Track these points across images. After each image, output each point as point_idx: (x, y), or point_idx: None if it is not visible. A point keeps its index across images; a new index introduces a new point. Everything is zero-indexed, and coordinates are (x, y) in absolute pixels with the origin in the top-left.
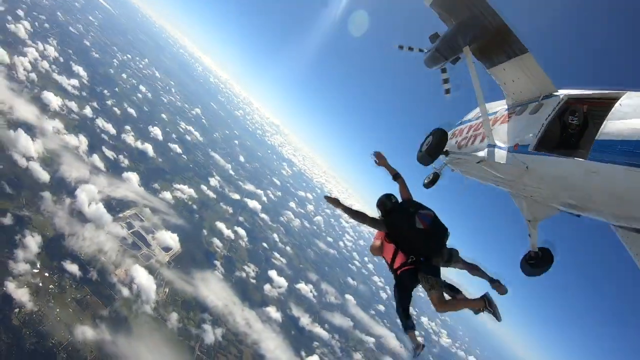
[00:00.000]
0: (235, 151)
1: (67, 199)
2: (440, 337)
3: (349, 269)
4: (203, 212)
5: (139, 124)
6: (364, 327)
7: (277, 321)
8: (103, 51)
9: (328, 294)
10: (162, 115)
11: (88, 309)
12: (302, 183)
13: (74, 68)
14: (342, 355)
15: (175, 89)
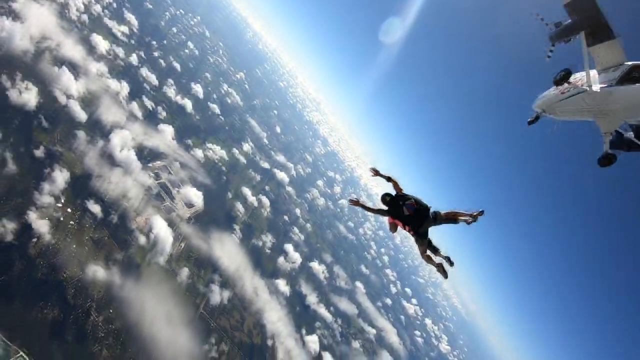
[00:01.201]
0: (272, 121)
1: (100, 141)
2: (441, 342)
3: (364, 257)
4: (231, 175)
5: (181, 79)
6: (368, 317)
7: (285, 295)
8: (157, 3)
9: (339, 278)
10: (206, 74)
11: (103, 250)
12: (334, 164)
13: (126, 15)
14: (341, 340)
15: (222, 50)
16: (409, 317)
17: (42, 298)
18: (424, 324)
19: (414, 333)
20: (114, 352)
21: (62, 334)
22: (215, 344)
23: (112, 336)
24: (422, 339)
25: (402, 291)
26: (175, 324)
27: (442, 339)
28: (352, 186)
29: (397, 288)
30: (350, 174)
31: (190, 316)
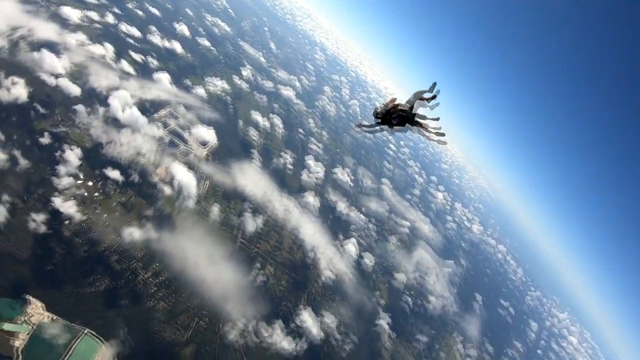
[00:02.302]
0: (265, 39)
1: (101, 108)
2: (473, 224)
3: (385, 153)
4: (237, 104)
5: (163, 22)
6: (400, 211)
7: (315, 207)
8: None
9: (364, 179)
10: (186, 10)
11: (133, 211)
12: (336, 67)
13: None
14: (378, 238)
15: None
16: (438, 206)
17: (89, 274)
18: (454, 209)
19: (446, 219)
20: (169, 302)
21: (117, 301)
22: (261, 269)
23: (164, 288)
24: (455, 223)
25: (428, 180)
26: (218, 260)
27: (473, 221)
28: (359, 86)
29: (423, 178)
30: (355, 73)
31: (231, 249)
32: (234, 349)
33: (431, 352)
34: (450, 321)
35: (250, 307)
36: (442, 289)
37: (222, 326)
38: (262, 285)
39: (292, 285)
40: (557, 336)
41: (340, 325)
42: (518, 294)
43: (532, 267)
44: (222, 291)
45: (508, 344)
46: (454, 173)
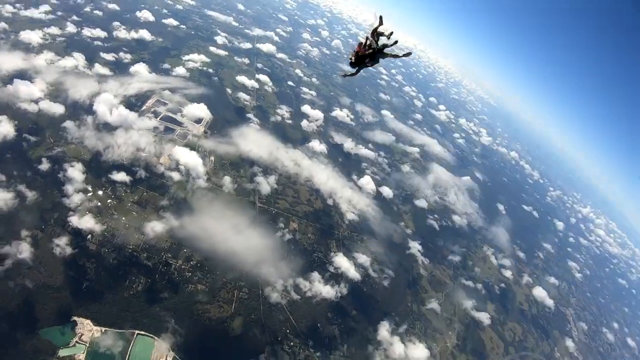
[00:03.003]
0: (231, 1)
1: (89, 118)
2: (481, 136)
3: (378, 85)
4: (220, 72)
5: (124, 15)
6: (406, 138)
7: (323, 153)
8: None
9: (364, 114)
10: None
11: (149, 206)
12: (310, 11)
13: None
14: (391, 170)
15: None
16: (443, 124)
17: (124, 278)
18: (459, 125)
19: (453, 137)
20: (206, 282)
21: (158, 296)
22: (285, 226)
23: (198, 270)
24: (463, 139)
25: (427, 102)
26: (243, 228)
27: (480, 133)
28: (336, 24)
29: (421, 101)
30: (330, 12)
31: (251, 215)
32: (279, 309)
33: (466, 269)
34: (478, 235)
35: (284, 266)
36: (463, 206)
37: (262, 291)
38: (290, 242)
39: (319, 235)
40: (583, 231)
41: (373, 262)
42: (538, 196)
43: (547, 167)
44: (253, 258)
45: (538, 247)
46: (452, 90)
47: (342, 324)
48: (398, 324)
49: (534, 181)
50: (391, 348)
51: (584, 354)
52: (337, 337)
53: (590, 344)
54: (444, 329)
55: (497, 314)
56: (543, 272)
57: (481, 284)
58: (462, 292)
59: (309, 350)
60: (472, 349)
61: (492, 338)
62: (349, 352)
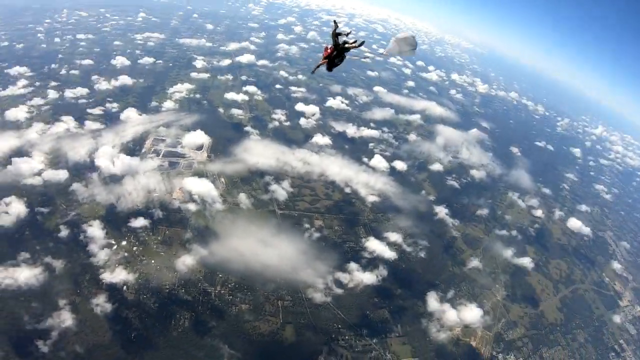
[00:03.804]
0: (199, 25)
1: (93, 174)
2: (476, 86)
3: (364, 65)
4: (208, 95)
5: (101, 66)
6: (405, 108)
7: (328, 145)
8: (20, 35)
9: (358, 96)
10: (115, 43)
11: (174, 242)
12: (278, 11)
13: (11, 71)
14: (398, 143)
15: (110, 14)
16: (436, 85)
17: (169, 318)
18: (452, 81)
19: (450, 94)
20: (249, 300)
21: (206, 326)
22: (310, 226)
23: (238, 292)
24: (460, 93)
25: (416, 67)
26: (270, 239)
27: (475, 83)
28: (308, 16)
29: (410, 67)
30: (299, 7)
31: (275, 223)
32: (325, 308)
33: (497, 220)
34: (500, 183)
35: (320, 264)
36: (478, 158)
37: (305, 294)
38: (320, 239)
39: (345, 225)
40: (601, 152)
41: (405, 237)
42: (548, 130)
43: (549, 99)
44: (288, 264)
45: (561, 179)
46: (436, 49)
47: (390, 305)
48: (445, 291)
49: (540, 116)
50: (444, 316)
51: (632, 272)
52: (389, 320)
53: (636, 260)
54: (490, 284)
55: (539, 256)
56: (572, 202)
57: (515, 230)
58: (498, 243)
59: (365, 340)
60: (522, 297)
61: (539, 280)
62: (404, 331)
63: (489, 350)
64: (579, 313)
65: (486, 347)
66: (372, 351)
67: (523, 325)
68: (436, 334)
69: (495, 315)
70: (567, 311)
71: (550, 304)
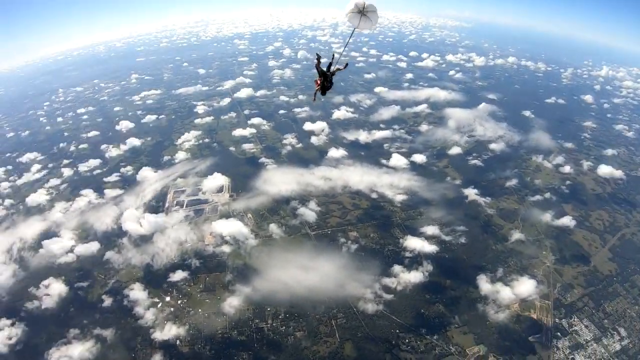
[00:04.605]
0: (191, 72)
1: (124, 239)
2: (473, 61)
3: (360, 70)
4: (216, 137)
5: (107, 134)
6: (409, 101)
7: (344, 156)
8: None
9: (361, 101)
10: (115, 109)
11: (217, 287)
12: (263, 40)
13: (23, 159)
14: (412, 136)
15: (103, 83)
16: (434, 70)
17: None
18: (449, 62)
19: (449, 76)
20: (302, 327)
21: None
22: (346, 239)
23: (290, 321)
24: (459, 72)
25: (409, 58)
26: (309, 262)
27: (471, 58)
28: (293, 37)
29: (404, 60)
30: (281, 30)
31: (311, 245)
32: (379, 316)
33: (528, 187)
34: (521, 150)
35: (364, 275)
36: (494, 131)
37: (356, 308)
38: (358, 250)
39: (380, 231)
40: (613, 92)
41: (442, 227)
42: (555, 84)
43: (548, 53)
44: (333, 282)
45: (580, 130)
46: (424, 35)
47: (443, 298)
48: (493, 271)
49: (543, 73)
50: (499, 296)
51: None
52: (445, 313)
53: None
54: (537, 253)
55: (578, 211)
56: (597, 149)
57: (548, 192)
58: (535, 209)
59: (426, 338)
60: (572, 257)
61: (584, 236)
62: (462, 320)
63: (551, 318)
64: (631, 258)
65: (548, 316)
66: (435, 348)
67: (579, 285)
68: (495, 316)
69: (549, 282)
70: (619, 260)
71: (601, 256)
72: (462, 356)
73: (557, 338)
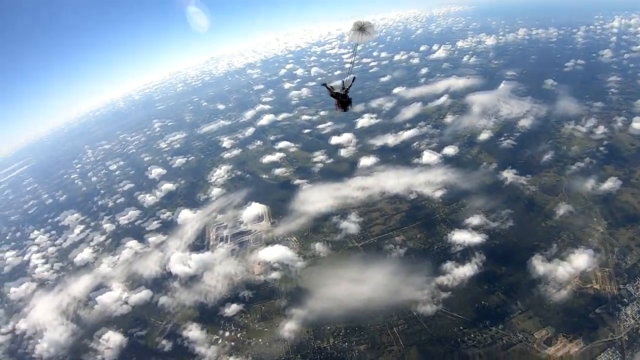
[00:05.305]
0: (211, 109)
1: (174, 282)
2: (484, 42)
3: (374, 75)
4: (247, 167)
5: (141, 184)
6: (429, 96)
7: (376, 162)
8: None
9: (382, 105)
10: (145, 158)
11: (272, 315)
12: (274, 64)
13: (64, 221)
14: (439, 130)
15: (129, 135)
16: (447, 60)
17: None
18: (460, 49)
19: (463, 62)
20: (363, 340)
21: None
22: (393, 245)
23: (350, 336)
24: (473, 56)
25: (421, 53)
26: (361, 275)
27: (481, 39)
28: (303, 56)
29: (416, 56)
30: (290, 52)
31: (359, 256)
32: (439, 316)
33: (564, 157)
34: (551, 119)
35: (417, 276)
36: (519, 108)
37: (416, 312)
38: (407, 253)
39: (425, 230)
40: (630, 41)
41: (487, 215)
42: (570, 46)
43: (557, 17)
44: (387, 290)
45: (606, 86)
46: (431, 27)
47: (500, 286)
48: (547, 249)
49: (556, 38)
50: (557, 273)
51: None
52: (505, 301)
53: None
54: (587, 221)
55: (620, 171)
56: (627, 103)
57: (587, 157)
58: (576, 178)
59: (490, 330)
60: (624, 218)
61: (632, 194)
62: (524, 305)
63: (614, 286)
64: None
65: (610, 284)
66: (502, 338)
67: (638, 246)
68: (557, 295)
69: (605, 249)
70: None
71: None
72: (530, 342)
73: (624, 304)
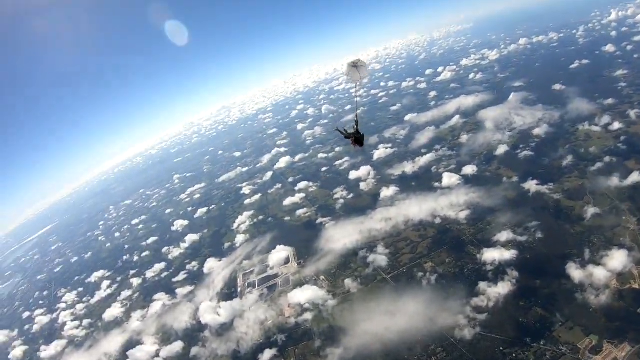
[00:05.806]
0: (227, 158)
1: (206, 332)
2: (487, 57)
3: (384, 105)
4: (269, 211)
5: (165, 237)
6: (441, 118)
7: (396, 192)
8: (84, 246)
9: (396, 134)
10: (167, 211)
11: (307, 356)
12: (285, 107)
13: (92, 279)
14: (455, 151)
15: (150, 190)
16: (454, 80)
17: None
18: (465, 67)
19: (470, 79)
20: None
21: None
22: (423, 272)
23: None
24: (479, 73)
25: (427, 77)
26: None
27: (485, 55)
28: (313, 95)
29: (422, 81)
30: (300, 93)
31: (391, 288)
32: (478, 339)
33: (584, 158)
34: (565, 124)
35: (451, 301)
36: (532, 117)
37: (454, 337)
38: (439, 279)
39: (454, 253)
40: (630, 32)
41: (515, 230)
42: (573, 47)
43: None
44: (422, 319)
45: (614, 81)
46: (433, 50)
47: (538, 300)
48: (580, 255)
49: (558, 41)
50: (594, 278)
51: None
52: (544, 315)
53: None
54: (617, 220)
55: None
56: (638, 95)
57: (607, 156)
58: (599, 178)
59: (533, 347)
60: None
61: None
62: (564, 316)
63: None
64: None
65: None
66: (546, 353)
67: None
68: (596, 300)
69: (639, 246)
70: None
71: None
72: (575, 353)
73: None
